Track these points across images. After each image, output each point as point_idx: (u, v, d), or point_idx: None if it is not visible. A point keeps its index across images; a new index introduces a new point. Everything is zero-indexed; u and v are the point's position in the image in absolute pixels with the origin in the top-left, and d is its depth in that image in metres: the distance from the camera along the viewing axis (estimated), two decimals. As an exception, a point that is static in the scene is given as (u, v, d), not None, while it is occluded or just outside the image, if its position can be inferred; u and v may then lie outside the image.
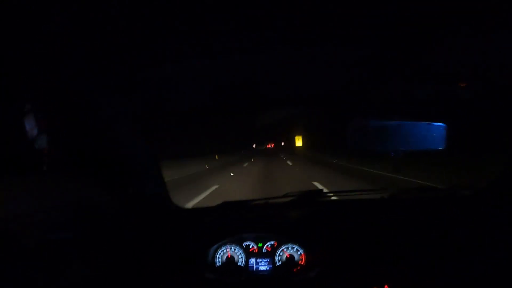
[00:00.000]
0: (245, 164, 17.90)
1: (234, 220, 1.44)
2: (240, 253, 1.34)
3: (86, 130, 1.26)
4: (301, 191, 1.57)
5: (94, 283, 1.16)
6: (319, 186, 7.19)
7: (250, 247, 1.35)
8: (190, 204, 5.48)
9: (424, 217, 1.37)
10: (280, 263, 1.32)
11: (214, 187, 7.86)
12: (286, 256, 1.32)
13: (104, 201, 1.32)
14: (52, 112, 1.18)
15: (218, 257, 1.34)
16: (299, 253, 1.33)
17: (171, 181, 9.41)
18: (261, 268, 1.33)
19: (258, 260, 1.33)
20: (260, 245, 1.35)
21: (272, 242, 1.35)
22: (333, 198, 1.63)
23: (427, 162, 9.10)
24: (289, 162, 17.53)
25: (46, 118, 1.15)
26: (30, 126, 1.13)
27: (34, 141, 1.14)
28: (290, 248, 1.34)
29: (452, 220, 1.34)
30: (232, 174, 12.16)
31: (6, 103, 1.02)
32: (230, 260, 1.33)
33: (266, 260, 1.33)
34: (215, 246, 1.35)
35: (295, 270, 1.29)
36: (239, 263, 1.33)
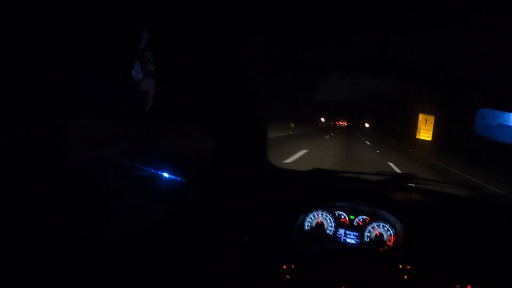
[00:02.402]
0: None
1: (328, 188, 1.47)
2: (331, 221, 1.37)
3: (193, 77, 1.30)
4: (394, 171, 1.54)
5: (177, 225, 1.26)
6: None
7: (342, 217, 1.38)
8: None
9: None
10: (368, 239, 1.34)
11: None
12: (376, 234, 1.33)
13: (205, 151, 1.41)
14: (159, 56, 1.19)
15: (308, 221, 1.39)
16: (389, 233, 1.32)
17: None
18: (348, 240, 1.35)
19: (347, 232, 1.36)
20: (352, 217, 1.37)
21: (364, 217, 1.36)
22: (425, 186, 1.58)
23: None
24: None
25: (154, 63, 1.20)
26: (136, 69, 1.20)
27: (139, 84, 1.21)
28: (381, 226, 1.33)
29: None
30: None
31: (115, 44, 1.03)
32: (320, 226, 1.37)
33: (355, 234, 1.35)
34: (307, 210, 1.39)
35: (381, 249, 1.30)
36: (328, 231, 1.37)
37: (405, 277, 1.06)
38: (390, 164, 8.53)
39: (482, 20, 1.01)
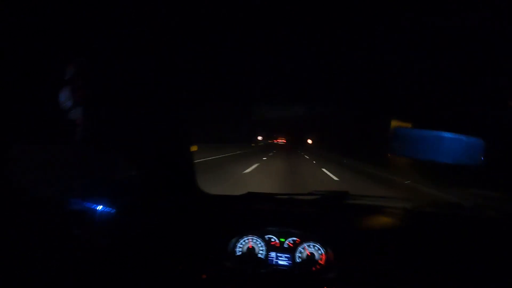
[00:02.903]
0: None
1: (258, 213, 1.45)
2: (262, 245, 1.35)
3: (122, 106, 1.28)
4: (326, 190, 1.57)
5: (113, 256, 1.19)
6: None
7: (272, 240, 1.36)
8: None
9: (445, 234, 1.35)
10: (300, 260, 1.33)
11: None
12: (307, 254, 1.32)
13: (133, 179, 1.35)
14: (89, 85, 1.19)
15: (239, 247, 1.35)
16: (319, 252, 1.32)
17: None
18: (280, 262, 1.33)
19: (278, 255, 1.34)
20: (282, 239, 1.35)
21: (294, 238, 1.35)
22: (357, 201, 1.62)
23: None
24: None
25: (82, 90, 1.16)
26: (65, 97, 1.15)
27: (68, 112, 1.16)
28: (311, 246, 1.33)
29: (475, 240, 1.32)
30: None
31: (43, 73, 1.03)
32: (251, 251, 1.34)
33: (286, 256, 1.33)
34: (237, 236, 1.36)
35: (314, 269, 1.29)
36: (260, 255, 1.34)
37: None
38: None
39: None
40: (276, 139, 42.59)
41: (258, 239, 1.35)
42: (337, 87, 1.52)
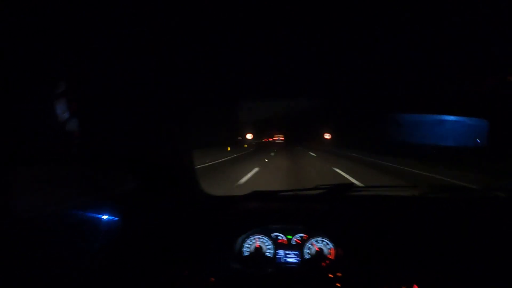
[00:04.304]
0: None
1: (263, 211, 1.43)
2: (269, 244, 1.33)
3: (118, 116, 1.27)
4: (331, 184, 1.55)
5: (119, 262, 1.19)
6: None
7: (279, 238, 1.34)
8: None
9: (455, 218, 1.33)
10: (309, 256, 1.31)
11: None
12: (316, 250, 1.30)
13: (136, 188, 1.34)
14: (84, 96, 1.17)
15: (246, 247, 1.34)
16: (328, 247, 1.30)
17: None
18: (289, 260, 1.31)
19: (286, 252, 1.32)
20: (289, 237, 1.34)
21: (302, 235, 1.33)
22: (363, 193, 1.60)
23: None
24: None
25: (77, 102, 1.15)
26: (62, 109, 1.14)
27: (65, 124, 1.15)
28: (319, 241, 1.31)
29: (484, 222, 1.29)
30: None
31: (38, 85, 1.02)
32: (259, 250, 1.32)
33: (295, 253, 1.31)
34: (243, 236, 1.34)
35: (323, 264, 1.27)
36: (267, 254, 1.32)
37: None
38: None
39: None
40: (271, 137, 33.63)
41: (265, 238, 1.34)
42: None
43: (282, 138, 32.15)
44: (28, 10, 0.76)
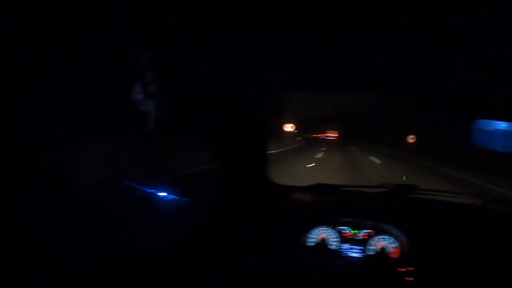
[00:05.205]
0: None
1: (332, 204, 1.47)
2: (336, 237, 1.37)
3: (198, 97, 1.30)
4: (394, 183, 1.55)
5: (186, 247, 1.24)
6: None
7: (344, 232, 1.37)
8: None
9: None
10: (373, 252, 1.33)
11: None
12: (380, 247, 1.32)
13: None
14: (163, 76, 1.18)
15: (312, 238, 1.38)
16: (393, 245, 1.32)
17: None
18: (353, 254, 1.34)
19: (351, 246, 1.35)
20: (355, 231, 1.36)
21: (368, 230, 1.35)
22: (426, 196, 1.59)
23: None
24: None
25: (155, 83, 1.20)
26: (136, 91, 1.19)
27: (140, 105, 1.21)
28: (386, 238, 1.33)
29: None
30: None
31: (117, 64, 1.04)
32: (323, 242, 1.36)
33: (360, 248, 1.34)
34: (309, 227, 1.38)
35: (387, 262, 1.29)
36: (332, 247, 1.36)
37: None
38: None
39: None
40: (322, 133, 29.72)
41: (331, 230, 1.37)
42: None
43: (336, 135, 28.65)
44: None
